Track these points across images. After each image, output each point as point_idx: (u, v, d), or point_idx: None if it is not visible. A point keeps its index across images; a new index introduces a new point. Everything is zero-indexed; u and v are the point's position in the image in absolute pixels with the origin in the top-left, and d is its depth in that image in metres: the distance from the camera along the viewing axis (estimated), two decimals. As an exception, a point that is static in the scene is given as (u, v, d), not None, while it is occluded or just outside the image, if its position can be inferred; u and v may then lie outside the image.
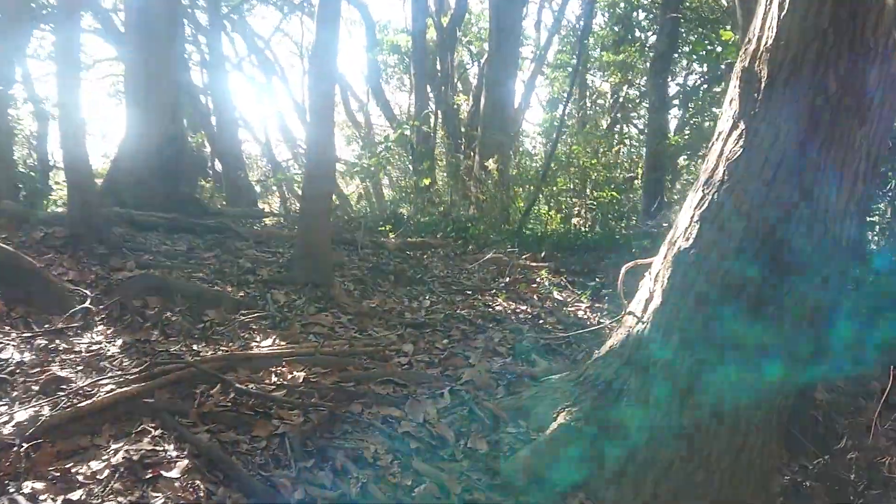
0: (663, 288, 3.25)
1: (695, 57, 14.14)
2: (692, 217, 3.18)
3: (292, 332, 4.47)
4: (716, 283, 3.02)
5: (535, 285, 6.58)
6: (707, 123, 10.40)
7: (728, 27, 11.18)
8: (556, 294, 6.44)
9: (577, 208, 12.30)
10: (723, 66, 9.96)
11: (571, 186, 13.43)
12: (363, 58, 23.55)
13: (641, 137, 19.40)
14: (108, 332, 4.16)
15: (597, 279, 6.91)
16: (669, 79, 13.03)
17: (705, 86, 14.85)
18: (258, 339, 4.32)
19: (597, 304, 6.28)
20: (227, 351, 4.06)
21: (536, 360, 4.37)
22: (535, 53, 19.79)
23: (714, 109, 12.09)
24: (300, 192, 5.89)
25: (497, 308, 5.77)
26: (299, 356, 4.03)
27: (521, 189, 14.22)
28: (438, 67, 16.90)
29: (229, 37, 21.09)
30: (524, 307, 5.91)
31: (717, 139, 3.23)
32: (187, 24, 13.95)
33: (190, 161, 7.62)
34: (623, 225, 10.79)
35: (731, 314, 2.98)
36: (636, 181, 14.53)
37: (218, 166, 15.04)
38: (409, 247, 7.55)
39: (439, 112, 16.18)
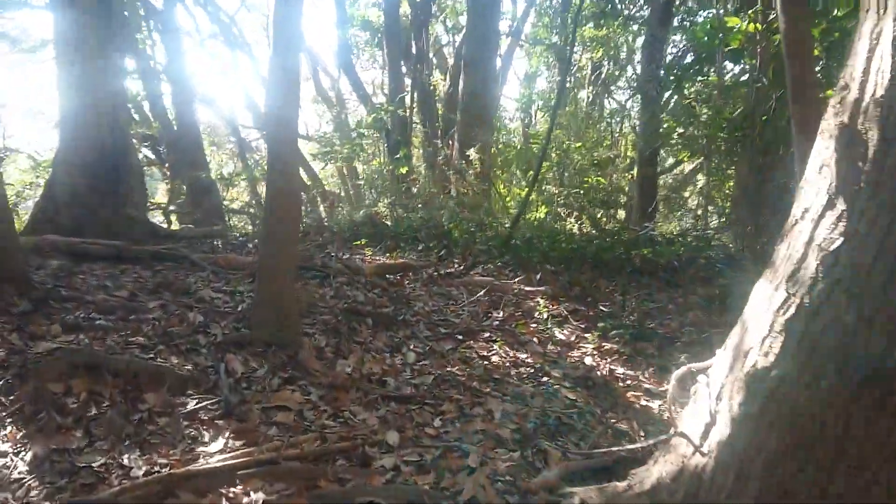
0: (732, 415, 2.46)
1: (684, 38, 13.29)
2: (772, 324, 2.39)
3: (250, 424, 3.64)
4: (808, 425, 2.25)
5: (533, 322, 5.78)
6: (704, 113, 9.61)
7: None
8: (557, 332, 5.65)
9: (559, 198, 11.49)
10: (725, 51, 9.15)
11: (553, 173, 12.66)
12: (333, 33, 22.30)
13: (627, 116, 18.64)
14: (18, 437, 3.32)
15: (600, 307, 6.14)
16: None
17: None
18: (207, 437, 3.49)
19: (605, 345, 5.50)
20: (165, 462, 3.24)
21: (549, 452, 3.59)
22: (512, 26, 18.81)
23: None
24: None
25: (493, 359, 4.97)
26: (258, 467, 3.22)
27: (503, 178, 13.41)
28: (413, 45, 15.91)
29: (189, 12, 19.88)
30: (524, 355, 5.12)
31: (801, 217, 2.43)
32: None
33: (137, 175, 6.68)
34: (618, 226, 10.02)
35: (824, 466, 2.22)
36: (618, 161, 13.75)
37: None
38: (388, 269, 6.71)
39: (415, 94, 15.23)
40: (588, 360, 5.20)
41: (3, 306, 4.41)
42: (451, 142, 14.99)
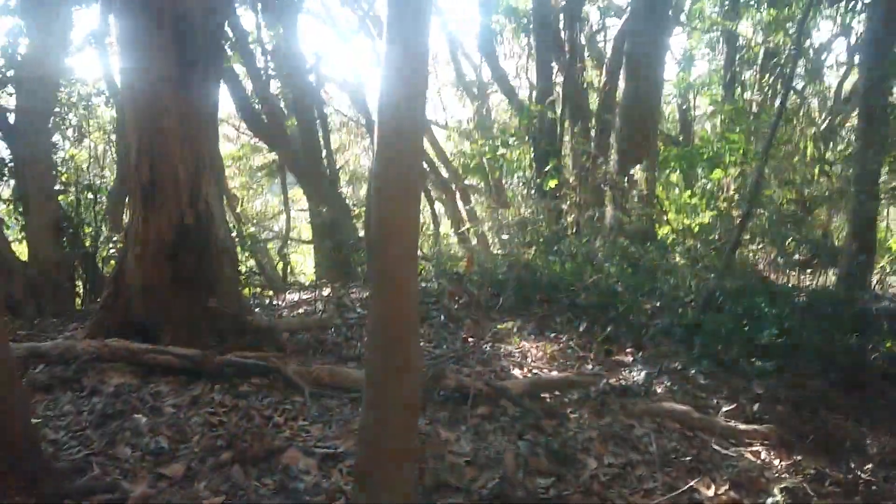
0: None
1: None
2: None
3: None
4: None
5: (763, 511, 3.92)
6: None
7: None
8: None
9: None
10: None
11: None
12: (475, 17, 20.53)
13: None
14: None
15: (860, 472, 4.20)
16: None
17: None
18: None
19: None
20: None
21: None
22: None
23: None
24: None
25: None
26: None
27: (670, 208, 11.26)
28: (564, 35, 13.92)
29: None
30: None
31: None
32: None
33: (226, 251, 5.29)
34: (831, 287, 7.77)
35: None
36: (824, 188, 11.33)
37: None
38: (543, 386, 5.00)
39: (564, 94, 13.28)
40: None
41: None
42: (609, 150, 13.01)
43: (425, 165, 17.89)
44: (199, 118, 5.04)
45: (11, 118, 8.99)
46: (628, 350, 6.01)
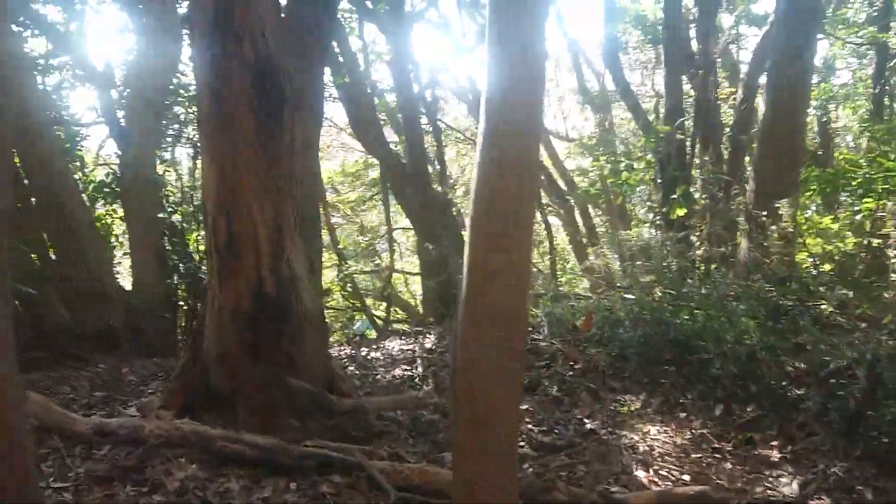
0: None
1: None
2: None
3: None
4: None
5: None
6: None
7: None
8: None
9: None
10: None
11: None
12: (599, 26, 19.47)
13: None
14: None
15: None
16: None
17: None
18: None
19: None
20: None
21: None
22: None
23: None
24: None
25: None
26: None
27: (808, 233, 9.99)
28: (695, 47, 12.77)
29: None
30: None
31: None
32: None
33: (310, 318, 4.73)
34: None
35: None
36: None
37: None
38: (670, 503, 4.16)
39: (696, 113, 12.15)
40: None
41: None
42: (739, 174, 11.81)
43: (542, 177, 17.13)
44: (280, 170, 4.46)
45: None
46: (774, 443, 5.04)
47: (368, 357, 7.00)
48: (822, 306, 8.10)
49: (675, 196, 10.49)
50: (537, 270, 13.55)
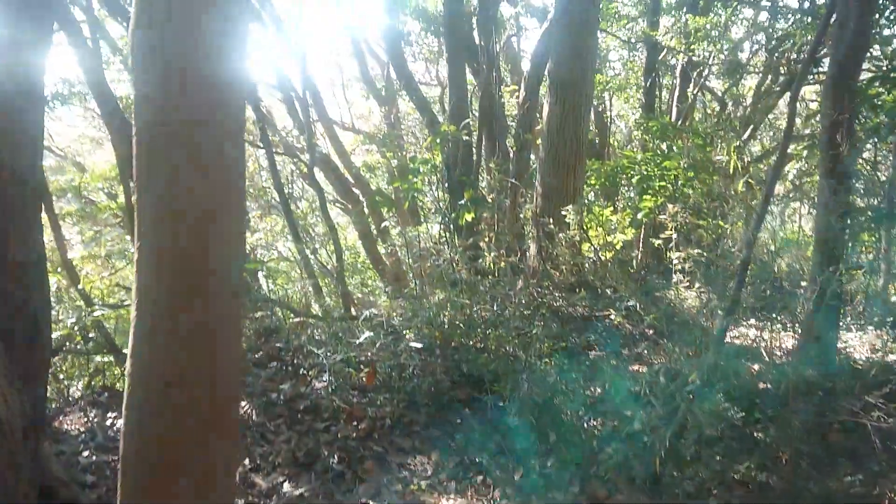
0: None
1: None
2: None
3: None
4: None
5: None
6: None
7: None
8: None
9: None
10: None
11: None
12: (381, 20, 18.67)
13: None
14: None
15: None
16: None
17: None
18: None
19: None
20: None
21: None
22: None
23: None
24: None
25: None
26: None
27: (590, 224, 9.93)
28: (478, 41, 12.34)
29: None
30: None
31: None
32: None
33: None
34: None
35: None
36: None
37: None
38: None
39: (480, 114, 11.79)
40: None
41: None
42: (526, 175, 11.62)
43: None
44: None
45: None
46: (579, 504, 4.58)
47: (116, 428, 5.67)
48: (612, 317, 7.99)
49: (462, 202, 10.03)
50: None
